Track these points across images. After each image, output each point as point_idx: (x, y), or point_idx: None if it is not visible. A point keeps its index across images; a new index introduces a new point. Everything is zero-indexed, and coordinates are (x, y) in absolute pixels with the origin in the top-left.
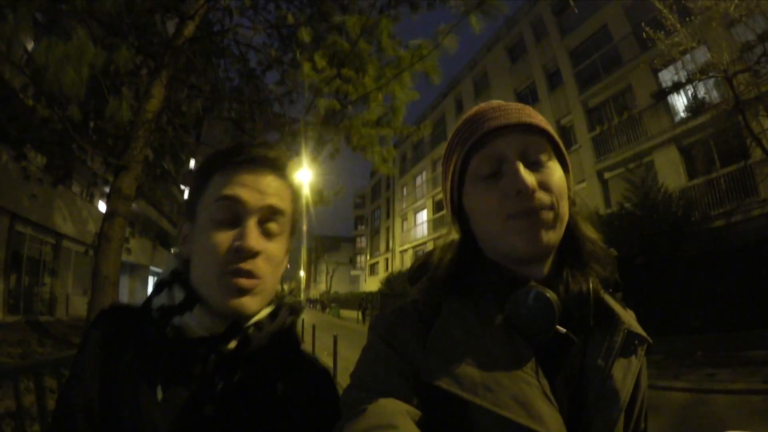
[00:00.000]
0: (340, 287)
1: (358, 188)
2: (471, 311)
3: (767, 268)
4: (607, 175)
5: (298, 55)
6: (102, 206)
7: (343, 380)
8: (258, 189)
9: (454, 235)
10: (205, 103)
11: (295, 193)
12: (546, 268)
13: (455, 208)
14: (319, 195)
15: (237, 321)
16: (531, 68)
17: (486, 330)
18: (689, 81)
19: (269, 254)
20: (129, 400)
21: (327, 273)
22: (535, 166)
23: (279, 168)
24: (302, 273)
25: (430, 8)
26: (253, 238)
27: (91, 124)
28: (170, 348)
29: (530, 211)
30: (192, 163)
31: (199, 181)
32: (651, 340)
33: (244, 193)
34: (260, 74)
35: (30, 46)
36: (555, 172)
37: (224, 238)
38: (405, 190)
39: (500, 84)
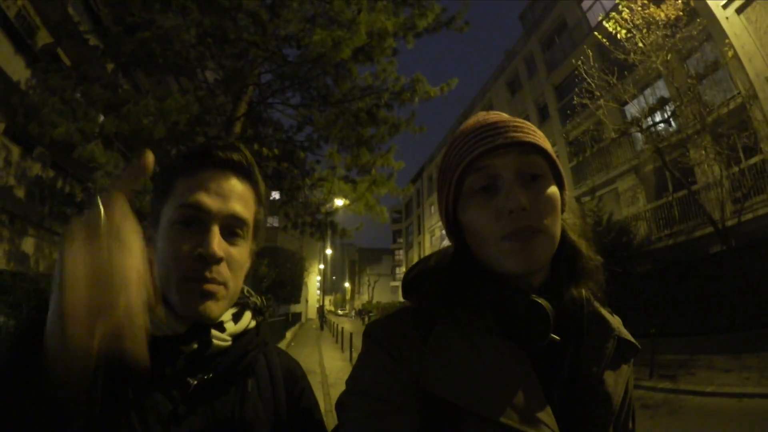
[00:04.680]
0: (382, 297)
1: (395, 204)
2: (467, 320)
3: (694, 285)
4: (584, 200)
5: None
6: None
7: None
8: (221, 194)
9: (450, 244)
10: None
11: (259, 195)
12: (540, 278)
13: (450, 220)
14: (342, 231)
15: (199, 322)
16: (525, 102)
17: (483, 338)
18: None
19: (232, 260)
20: (105, 400)
21: (369, 284)
22: (530, 184)
23: (243, 171)
24: (347, 284)
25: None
26: (216, 245)
27: None
28: None
29: (522, 231)
30: None
31: (163, 184)
32: (639, 347)
33: (207, 200)
34: (293, 134)
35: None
36: (550, 190)
37: (186, 244)
38: (432, 208)
39: None
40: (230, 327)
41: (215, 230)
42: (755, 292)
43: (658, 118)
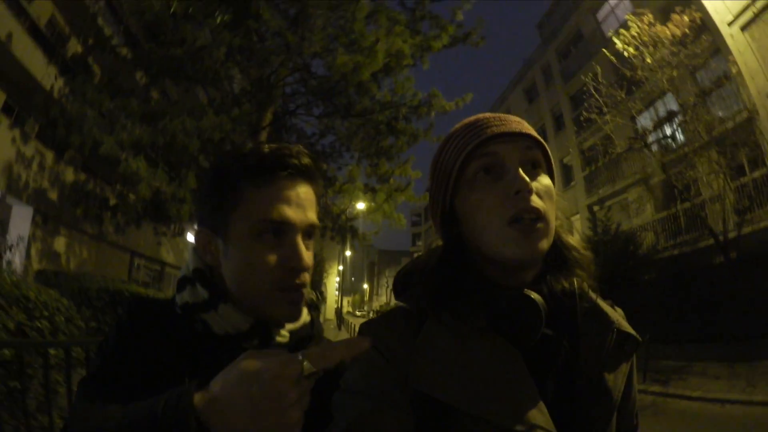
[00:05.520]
0: None
1: (415, 207)
2: (457, 317)
3: (696, 295)
4: (595, 209)
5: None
6: (190, 237)
7: None
8: (300, 204)
9: (439, 242)
10: None
11: (319, 194)
12: (532, 274)
13: (446, 212)
14: (362, 236)
15: (260, 320)
16: (542, 111)
17: (472, 335)
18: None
19: (311, 263)
20: (155, 390)
21: (387, 286)
22: (530, 174)
23: (311, 175)
24: (366, 286)
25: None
26: (306, 256)
27: None
28: (196, 342)
29: (529, 213)
30: None
31: (227, 191)
32: (641, 339)
33: (291, 213)
34: (315, 142)
35: None
36: (547, 182)
37: (274, 255)
38: None
39: None
40: (290, 324)
41: (300, 241)
42: (754, 304)
43: (666, 130)
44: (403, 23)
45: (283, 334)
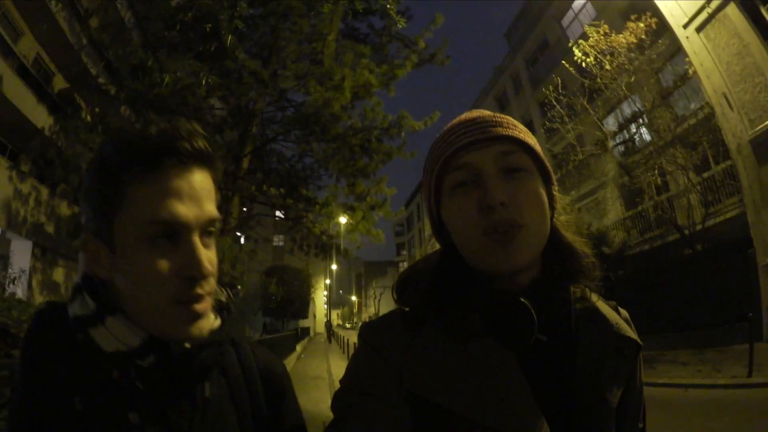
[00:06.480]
0: (388, 309)
1: (398, 217)
2: (452, 321)
3: (667, 287)
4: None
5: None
6: None
7: None
8: (193, 197)
9: (437, 247)
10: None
11: (218, 178)
12: (528, 277)
13: (435, 221)
14: (345, 251)
15: (155, 335)
16: (513, 118)
17: (466, 339)
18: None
19: (214, 265)
20: (50, 410)
21: (375, 297)
22: (510, 178)
23: (208, 160)
24: (354, 298)
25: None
26: (205, 260)
27: None
28: (90, 359)
29: (502, 226)
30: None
31: (109, 188)
32: (641, 343)
33: (184, 210)
34: (295, 163)
35: None
36: (532, 184)
37: (166, 264)
38: None
39: None
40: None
41: (198, 243)
42: (721, 292)
43: (630, 132)
44: (368, 56)
45: (185, 347)
